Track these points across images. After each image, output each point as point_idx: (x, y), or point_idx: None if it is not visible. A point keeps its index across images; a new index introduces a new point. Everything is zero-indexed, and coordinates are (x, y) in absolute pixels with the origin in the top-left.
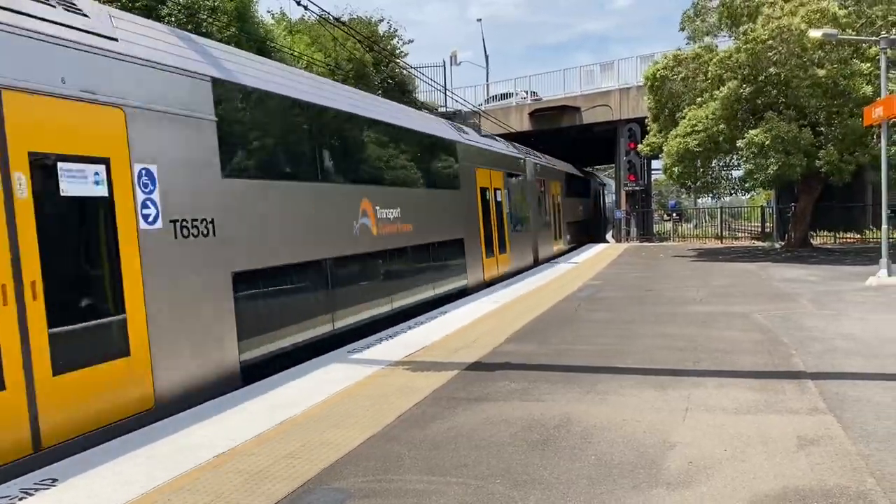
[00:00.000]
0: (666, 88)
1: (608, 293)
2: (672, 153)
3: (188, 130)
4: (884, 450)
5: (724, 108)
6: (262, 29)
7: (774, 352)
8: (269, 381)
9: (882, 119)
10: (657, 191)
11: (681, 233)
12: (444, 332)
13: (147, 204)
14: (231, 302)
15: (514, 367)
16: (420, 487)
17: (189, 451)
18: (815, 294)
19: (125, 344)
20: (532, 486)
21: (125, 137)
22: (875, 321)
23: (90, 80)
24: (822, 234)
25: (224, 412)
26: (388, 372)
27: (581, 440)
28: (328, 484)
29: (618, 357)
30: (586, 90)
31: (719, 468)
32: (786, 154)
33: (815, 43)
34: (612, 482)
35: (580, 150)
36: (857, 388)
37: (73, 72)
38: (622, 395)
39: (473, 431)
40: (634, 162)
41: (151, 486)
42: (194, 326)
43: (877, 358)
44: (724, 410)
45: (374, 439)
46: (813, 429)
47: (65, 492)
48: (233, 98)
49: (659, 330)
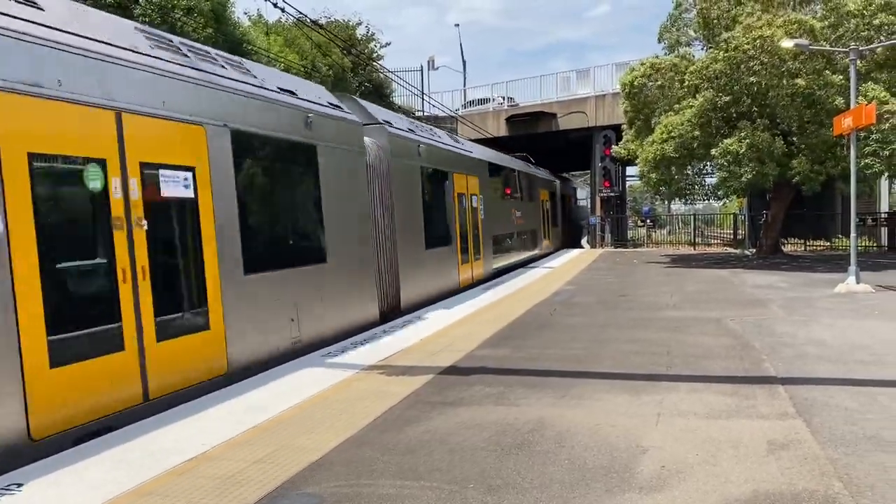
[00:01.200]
0: (642, 95)
1: (583, 298)
2: (648, 159)
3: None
4: (851, 454)
5: (699, 115)
6: (239, 31)
7: (746, 357)
8: (243, 384)
9: (851, 129)
10: (632, 197)
11: (655, 239)
12: (420, 336)
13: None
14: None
15: (489, 372)
16: (393, 492)
17: (159, 454)
18: (786, 300)
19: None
20: (506, 490)
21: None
22: (843, 327)
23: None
24: (793, 241)
25: (195, 415)
26: (363, 376)
27: (555, 444)
28: (300, 489)
29: (592, 361)
30: (562, 97)
31: (691, 472)
32: (759, 163)
33: (792, 53)
34: (585, 486)
35: (557, 157)
36: (825, 394)
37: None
38: (596, 399)
39: (448, 436)
40: (609, 168)
41: (119, 490)
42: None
43: (845, 363)
44: (696, 415)
45: (348, 443)
46: (783, 433)
47: (29, 498)
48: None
49: (633, 335)
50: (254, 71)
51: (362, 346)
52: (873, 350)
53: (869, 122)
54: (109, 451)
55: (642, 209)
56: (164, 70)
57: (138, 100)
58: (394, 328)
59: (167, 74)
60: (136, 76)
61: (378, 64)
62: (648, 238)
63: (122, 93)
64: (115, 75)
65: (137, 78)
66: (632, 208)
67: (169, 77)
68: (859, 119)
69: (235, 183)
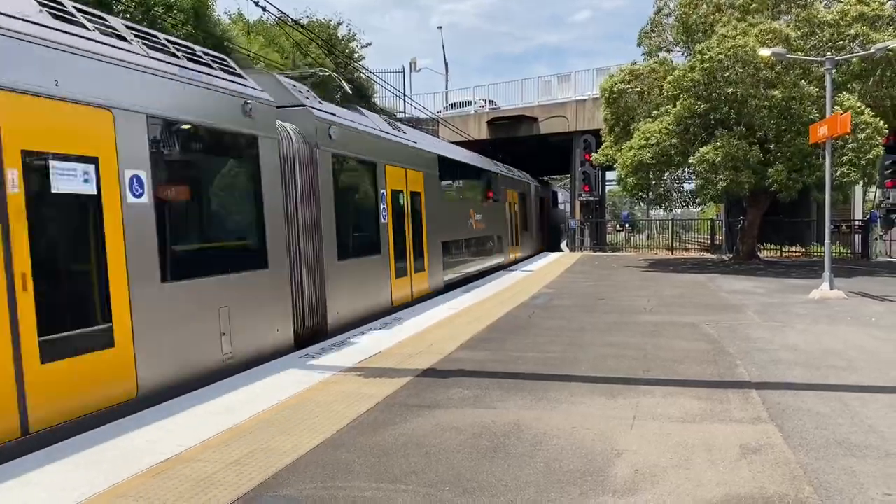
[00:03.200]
0: (622, 101)
1: (561, 301)
2: (627, 164)
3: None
4: (822, 458)
5: (677, 123)
6: (220, 28)
7: (721, 362)
8: (219, 385)
9: (826, 137)
10: (611, 202)
11: (633, 243)
12: (398, 338)
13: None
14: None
15: (467, 374)
16: (368, 495)
17: (133, 455)
18: (762, 305)
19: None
20: (481, 493)
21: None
22: (817, 332)
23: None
24: (769, 247)
25: (170, 417)
26: (340, 378)
27: (531, 447)
28: (275, 491)
29: (569, 365)
30: (544, 101)
31: (664, 476)
32: (735, 171)
33: (768, 63)
34: (559, 489)
35: (537, 161)
36: (798, 399)
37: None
38: (573, 402)
39: (424, 438)
40: (589, 173)
41: (92, 492)
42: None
43: (818, 369)
44: (671, 419)
45: (324, 446)
46: (755, 438)
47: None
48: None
49: (610, 339)
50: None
51: (342, 348)
52: (846, 355)
53: (844, 131)
54: (83, 453)
55: (621, 214)
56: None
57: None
58: (372, 329)
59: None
60: (19, 49)
61: (359, 64)
62: (627, 242)
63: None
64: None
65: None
66: (611, 213)
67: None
68: (834, 128)
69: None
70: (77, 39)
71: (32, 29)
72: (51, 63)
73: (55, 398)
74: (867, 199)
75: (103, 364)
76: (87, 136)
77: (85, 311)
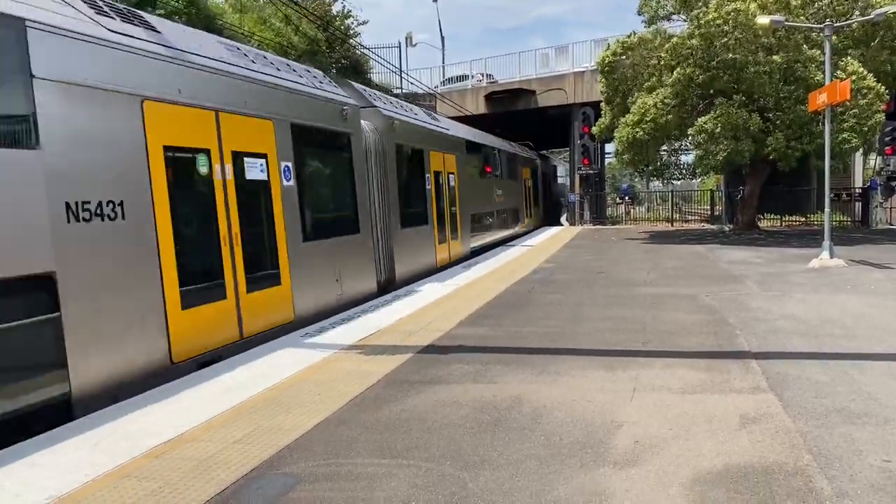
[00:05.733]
0: (618, 73)
1: (561, 276)
2: (623, 140)
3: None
4: (821, 426)
5: (674, 94)
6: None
7: (720, 332)
8: (220, 365)
9: (826, 105)
10: (610, 174)
11: (633, 216)
12: (399, 315)
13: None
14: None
15: (468, 350)
16: (371, 471)
17: (136, 436)
18: (761, 276)
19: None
20: (482, 466)
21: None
22: (816, 302)
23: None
24: (769, 216)
25: (171, 397)
26: (341, 356)
27: (531, 421)
28: (278, 469)
29: (569, 339)
30: (541, 73)
31: (664, 447)
32: (734, 140)
33: (768, 29)
34: (560, 462)
35: (536, 134)
36: (797, 368)
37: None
38: (573, 375)
39: (425, 414)
40: (588, 146)
41: (96, 473)
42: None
43: (816, 338)
44: (671, 390)
45: (326, 423)
46: (755, 407)
47: (5, 480)
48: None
49: (609, 312)
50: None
51: (341, 326)
52: (844, 324)
53: (843, 98)
54: (87, 434)
55: (621, 186)
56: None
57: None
58: (374, 306)
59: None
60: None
61: (354, 41)
62: (627, 215)
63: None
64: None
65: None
66: (611, 185)
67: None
68: (833, 95)
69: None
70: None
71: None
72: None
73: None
74: (867, 167)
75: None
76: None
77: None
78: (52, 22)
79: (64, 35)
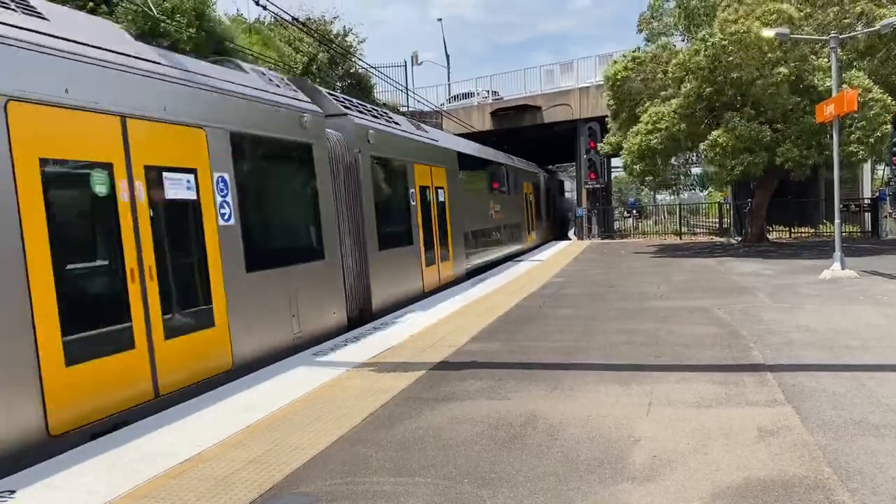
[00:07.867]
0: (626, 88)
1: (571, 290)
2: (633, 150)
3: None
4: (840, 439)
5: (685, 106)
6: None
7: (734, 345)
8: (234, 384)
9: (833, 116)
10: (617, 188)
11: (641, 229)
12: (410, 332)
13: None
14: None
15: (480, 366)
16: (388, 489)
17: (152, 458)
18: (772, 288)
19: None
20: (500, 484)
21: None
22: (829, 313)
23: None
24: (778, 228)
25: (186, 418)
26: (354, 374)
27: (547, 437)
28: (295, 488)
29: (582, 353)
30: (546, 89)
31: (683, 461)
32: (749, 153)
33: (774, 44)
34: (578, 478)
35: (542, 150)
36: (813, 380)
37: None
38: (587, 391)
39: (440, 431)
40: (595, 160)
41: (114, 495)
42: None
43: (831, 349)
44: (686, 404)
45: (341, 442)
46: (772, 420)
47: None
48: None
49: (621, 326)
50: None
51: (353, 344)
52: (859, 335)
53: (850, 109)
54: (104, 455)
55: (628, 200)
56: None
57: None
58: (384, 324)
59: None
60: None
61: (356, 58)
62: (635, 229)
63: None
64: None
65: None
66: (618, 199)
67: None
68: (841, 107)
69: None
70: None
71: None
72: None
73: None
74: (876, 178)
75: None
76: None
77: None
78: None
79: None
